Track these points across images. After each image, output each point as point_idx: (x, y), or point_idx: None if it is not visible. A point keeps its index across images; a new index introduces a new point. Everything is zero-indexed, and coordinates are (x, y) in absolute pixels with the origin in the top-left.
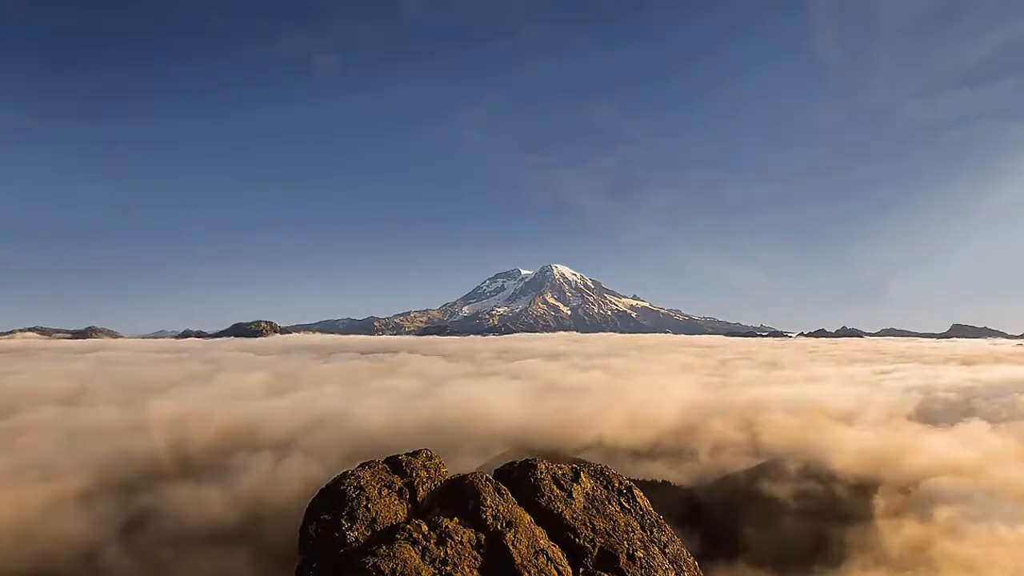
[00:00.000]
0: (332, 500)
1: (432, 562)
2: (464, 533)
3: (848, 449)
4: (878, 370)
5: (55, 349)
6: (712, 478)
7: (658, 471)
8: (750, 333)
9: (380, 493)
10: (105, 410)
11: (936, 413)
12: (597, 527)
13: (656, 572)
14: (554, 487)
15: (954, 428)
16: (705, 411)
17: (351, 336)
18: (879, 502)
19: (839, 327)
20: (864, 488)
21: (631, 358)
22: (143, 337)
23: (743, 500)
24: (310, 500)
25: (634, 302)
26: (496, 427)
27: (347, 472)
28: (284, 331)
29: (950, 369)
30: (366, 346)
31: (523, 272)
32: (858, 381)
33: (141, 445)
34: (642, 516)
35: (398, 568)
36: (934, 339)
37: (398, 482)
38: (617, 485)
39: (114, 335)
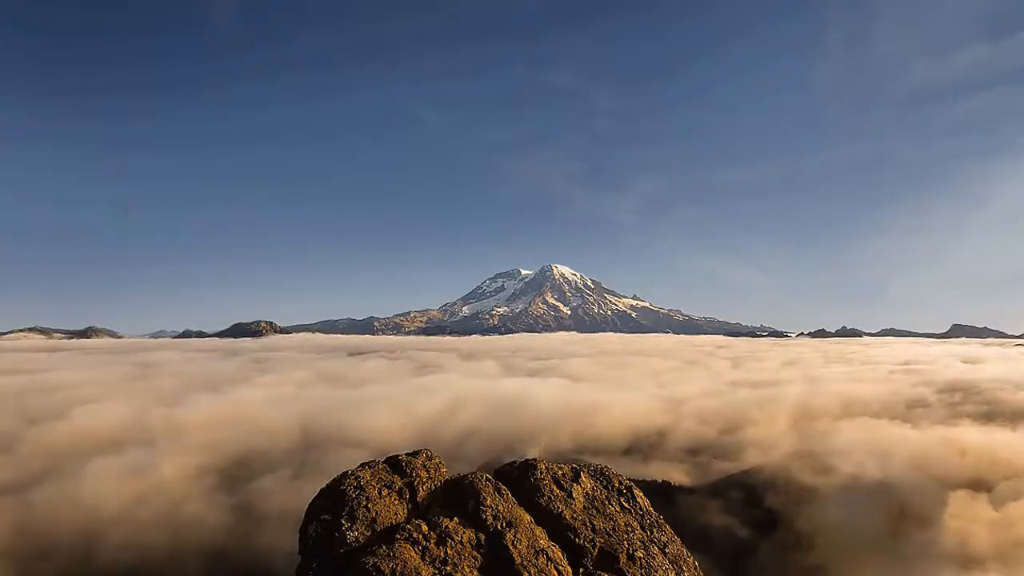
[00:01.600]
0: (332, 500)
1: (432, 562)
2: (464, 533)
3: (842, 447)
4: (876, 368)
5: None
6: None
7: (658, 471)
8: (750, 333)
9: (380, 493)
10: None
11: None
12: (597, 527)
13: (656, 572)
14: (554, 487)
15: (940, 427)
16: (712, 411)
17: (381, 336)
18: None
19: (839, 327)
20: (858, 488)
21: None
22: (143, 337)
23: (733, 501)
24: (310, 500)
25: (634, 302)
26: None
27: (347, 472)
28: (284, 331)
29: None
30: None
31: (523, 272)
32: (853, 379)
33: None
34: (642, 516)
35: (398, 568)
36: (934, 339)
37: (398, 482)
38: (617, 485)
39: (114, 335)
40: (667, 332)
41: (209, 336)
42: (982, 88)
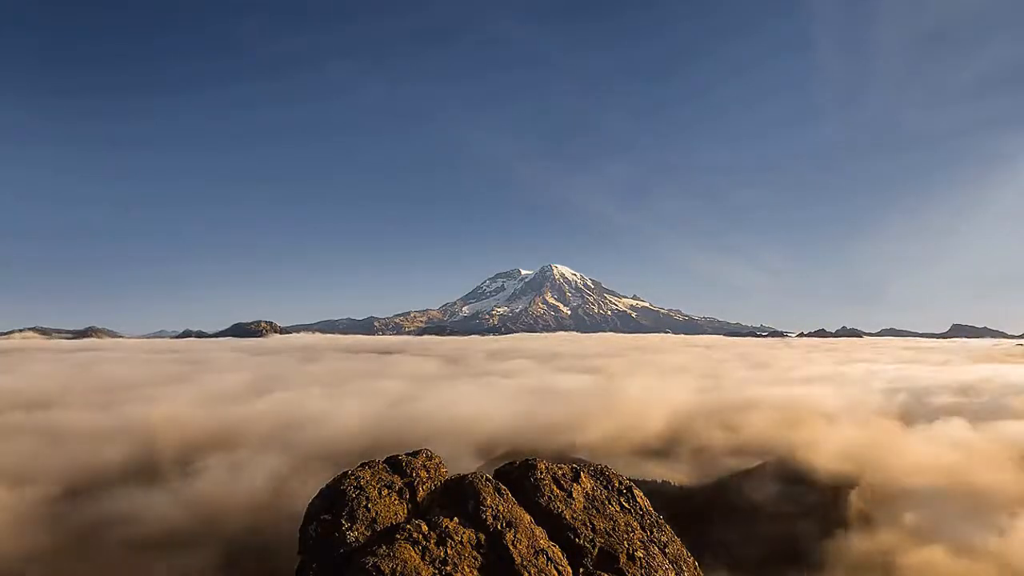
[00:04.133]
0: (332, 500)
1: (432, 562)
2: (464, 533)
3: (831, 449)
4: (872, 369)
5: (50, 350)
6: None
7: (658, 471)
8: (750, 333)
9: (380, 493)
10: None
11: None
12: (597, 527)
13: (656, 572)
14: (554, 487)
15: (932, 427)
16: (699, 412)
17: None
18: (856, 504)
19: (839, 327)
20: (842, 489)
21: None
22: (143, 337)
23: (725, 502)
24: (310, 500)
25: (634, 302)
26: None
27: (347, 472)
28: (284, 331)
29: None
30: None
31: (523, 272)
32: (849, 381)
33: None
34: (642, 516)
35: (398, 568)
36: (934, 339)
37: (398, 482)
38: (617, 485)
39: (114, 335)
40: (667, 332)
41: (209, 336)
42: (984, 89)
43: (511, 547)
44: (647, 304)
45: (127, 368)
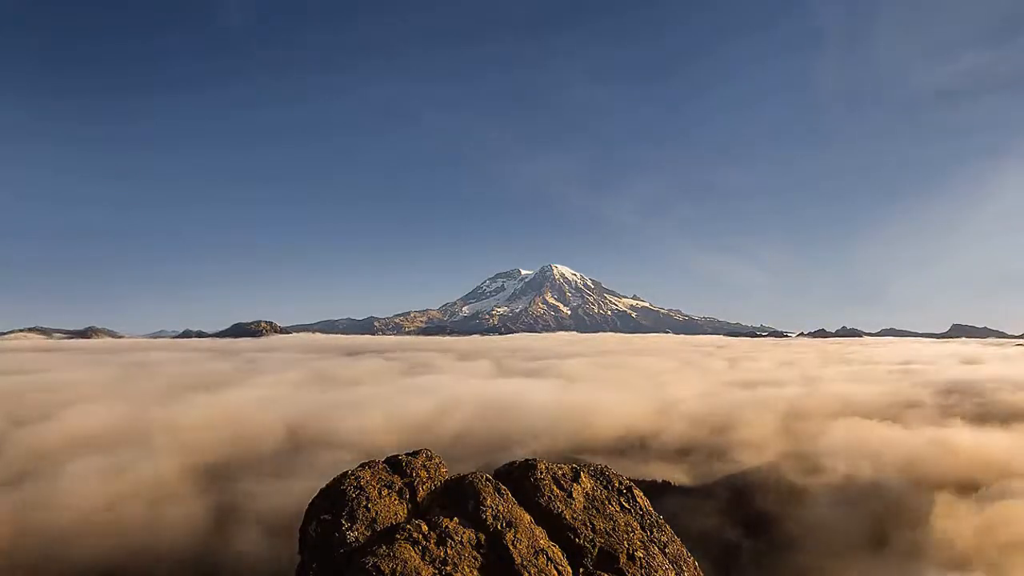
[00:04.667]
0: (332, 500)
1: (432, 562)
2: (464, 533)
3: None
4: (890, 369)
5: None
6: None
7: (658, 471)
8: (750, 333)
9: (380, 493)
10: None
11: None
12: (597, 527)
13: (656, 572)
14: (554, 487)
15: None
16: (714, 411)
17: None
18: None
19: (839, 327)
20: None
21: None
22: (143, 337)
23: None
24: (310, 500)
25: (634, 302)
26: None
27: (347, 472)
28: (284, 331)
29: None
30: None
31: (523, 272)
32: (876, 379)
33: None
34: (642, 516)
35: (398, 568)
36: (934, 339)
37: (398, 482)
38: (617, 485)
39: (114, 335)
40: (667, 332)
41: (209, 336)
42: (984, 91)
43: (511, 547)
44: (647, 304)
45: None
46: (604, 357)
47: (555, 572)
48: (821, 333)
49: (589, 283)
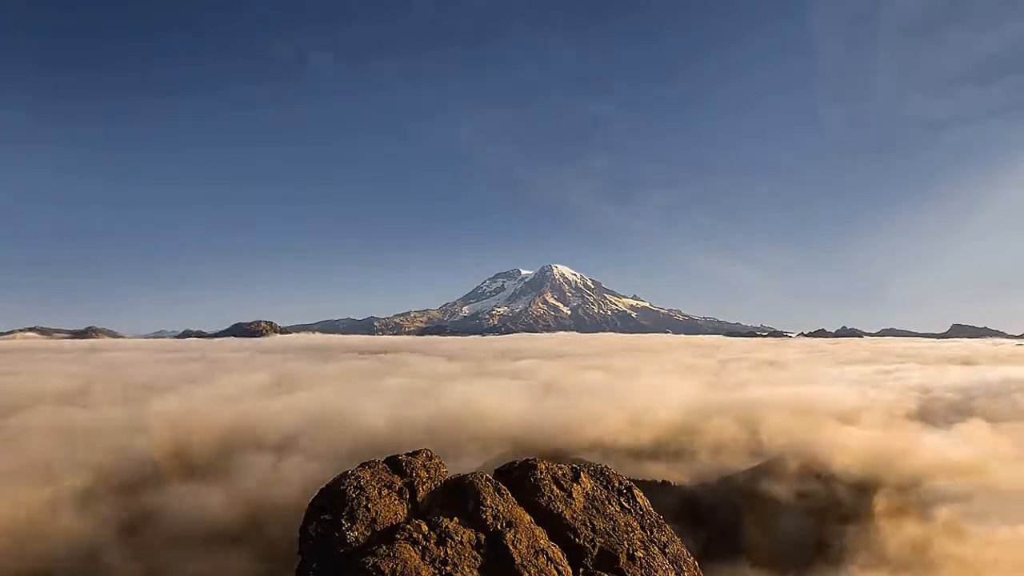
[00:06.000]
0: (332, 500)
1: (432, 562)
2: (464, 533)
3: (848, 448)
4: (879, 370)
5: (55, 350)
6: (712, 478)
7: (658, 471)
8: (750, 333)
9: (380, 493)
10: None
11: (936, 413)
12: (597, 527)
13: (656, 572)
14: (554, 487)
15: (953, 428)
16: (705, 411)
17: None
18: (879, 502)
19: (839, 327)
20: (864, 488)
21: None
22: (143, 337)
23: (744, 500)
24: (310, 500)
25: (634, 302)
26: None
27: (347, 472)
28: (284, 331)
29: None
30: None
31: (523, 272)
32: (859, 381)
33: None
34: (642, 516)
35: (398, 568)
36: (934, 339)
37: (398, 482)
38: (617, 485)
39: (114, 335)
40: (667, 332)
41: (209, 336)
42: (989, 83)
43: (511, 547)
44: (647, 304)
45: (146, 368)
46: (591, 359)
47: (555, 572)
48: (821, 333)
49: (589, 283)
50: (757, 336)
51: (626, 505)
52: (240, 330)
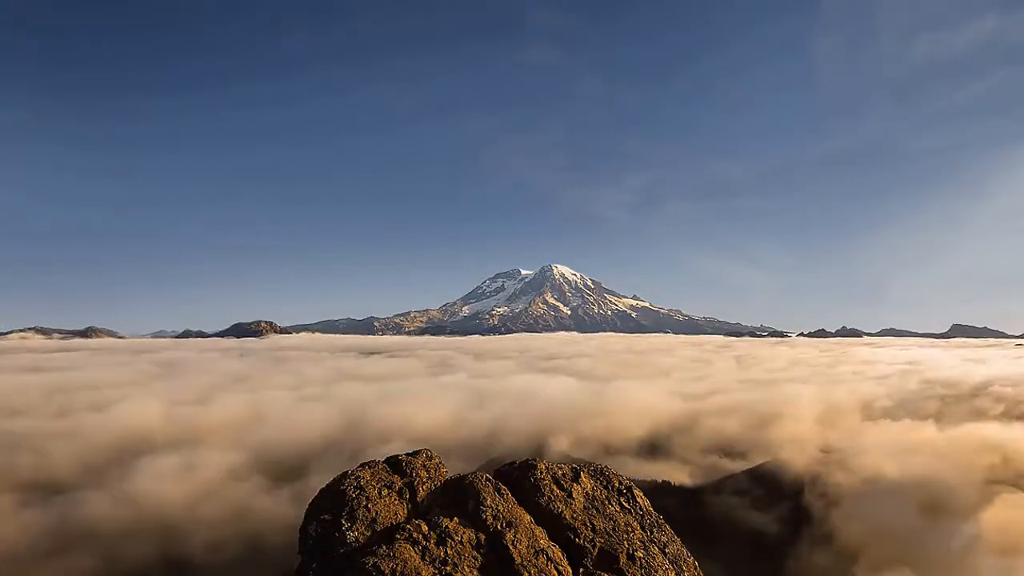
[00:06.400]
0: (332, 500)
1: (432, 562)
2: (464, 533)
3: (807, 448)
4: (854, 370)
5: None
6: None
7: (658, 471)
8: (750, 333)
9: (380, 493)
10: None
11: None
12: (597, 527)
13: (656, 572)
14: (554, 487)
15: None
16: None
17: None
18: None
19: (839, 327)
20: (804, 491)
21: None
22: (143, 337)
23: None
24: (310, 500)
25: (634, 302)
26: None
27: (347, 472)
28: (284, 331)
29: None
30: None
31: (523, 272)
32: (837, 380)
33: None
34: (642, 516)
35: (398, 568)
36: (934, 339)
37: (398, 482)
38: (617, 485)
39: (114, 335)
40: (667, 332)
41: (209, 336)
42: (987, 68)
43: (511, 547)
44: (647, 304)
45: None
46: (614, 356)
47: (555, 572)
48: (821, 333)
49: (589, 283)
50: (758, 336)
51: (626, 505)
52: (240, 330)
